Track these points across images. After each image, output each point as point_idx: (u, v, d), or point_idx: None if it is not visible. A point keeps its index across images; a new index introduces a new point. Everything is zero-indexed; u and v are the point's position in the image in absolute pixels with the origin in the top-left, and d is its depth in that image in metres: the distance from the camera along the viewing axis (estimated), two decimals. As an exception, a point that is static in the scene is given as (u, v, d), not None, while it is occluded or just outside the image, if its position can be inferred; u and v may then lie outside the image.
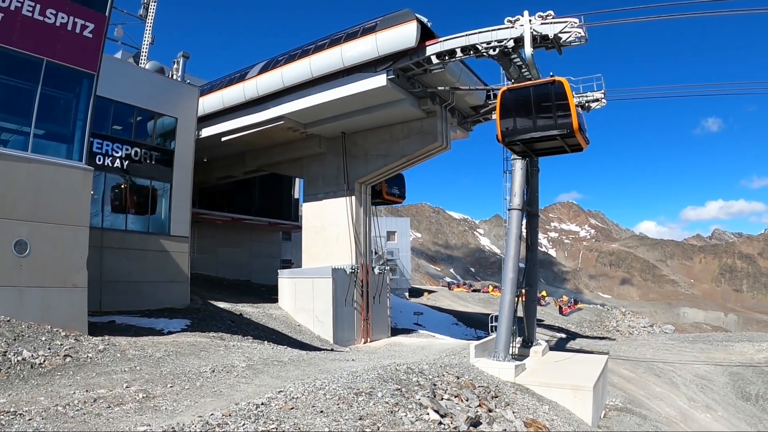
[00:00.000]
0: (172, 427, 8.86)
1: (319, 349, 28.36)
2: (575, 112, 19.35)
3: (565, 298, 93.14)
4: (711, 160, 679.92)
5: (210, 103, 36.69)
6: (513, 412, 15.77)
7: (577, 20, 22.28)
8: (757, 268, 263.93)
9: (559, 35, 22.31)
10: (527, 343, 27.64)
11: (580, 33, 22.29)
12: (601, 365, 23.69)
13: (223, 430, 8.80)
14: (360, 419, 9.95)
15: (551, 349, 31.38)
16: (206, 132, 37.84)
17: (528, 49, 20.52)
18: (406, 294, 77.74)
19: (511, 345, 23.74)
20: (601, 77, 29.99)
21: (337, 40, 30.32)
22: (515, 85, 20.42)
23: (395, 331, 40.92)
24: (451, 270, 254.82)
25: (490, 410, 14.74)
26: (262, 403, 10.40)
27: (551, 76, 19.83)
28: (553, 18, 21.26)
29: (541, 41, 22.94)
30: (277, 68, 33.02)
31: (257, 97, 34.39)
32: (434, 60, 27.42)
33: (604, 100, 30.18)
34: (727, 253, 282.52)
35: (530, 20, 21.36)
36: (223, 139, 37.98)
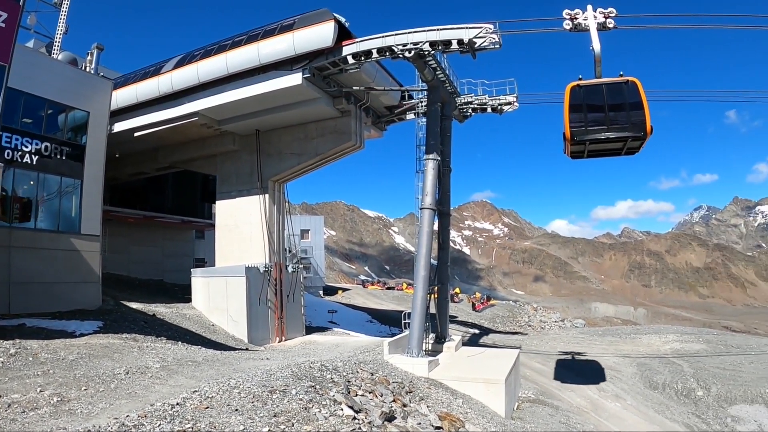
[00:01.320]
0: (88, 430, 8.92)
1: (234, 349, 28.28)
2: (649, 115, 18.97)
3: (478, 294, 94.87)
4: (621, 162, 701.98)
5: (123, 97, 35.70)
6: (427, 407, 16.21)
7: (491, 26, 22.89)
8: (664, 265, 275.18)
9: (474, 40, 22.94)
10: (440, 339, 28.27)
11: (494, 38, 22.89)
12: (513, 359, 24.52)
13: (139, 431, 8.90)
14: (275, 416, 10.16)
15: (464, 344, 32.14)
16: (119, 127, 36.76)
17: (596, 45, 19.62)
18: (321, 292, 77.63)
19: (424, 341, 24.30)
20: (514, 81, 31.04)
21: (254, 37, 30.02)
22: (585, 81, 19.41)
23: (310, 330, 40.90)
24: (366, 268, 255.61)
25: (404, 405, 15.11)
26: (177, 404, 10.50)
27: (620, 75, 19.35)
28: (616, 15, 20.57)
29: (457, 45, 23.59)
30: (192, 63, 32.43)
31: (172, 92, 33.65)
32: (350, 60, 27.42)
33: (516, 104, 31.19)
34: (636, 250, 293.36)
35: (594, 15, 20.49)
36: (136, 134, 36.95)
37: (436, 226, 27.27)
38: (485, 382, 21.21)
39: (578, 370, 34.56)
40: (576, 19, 20.50)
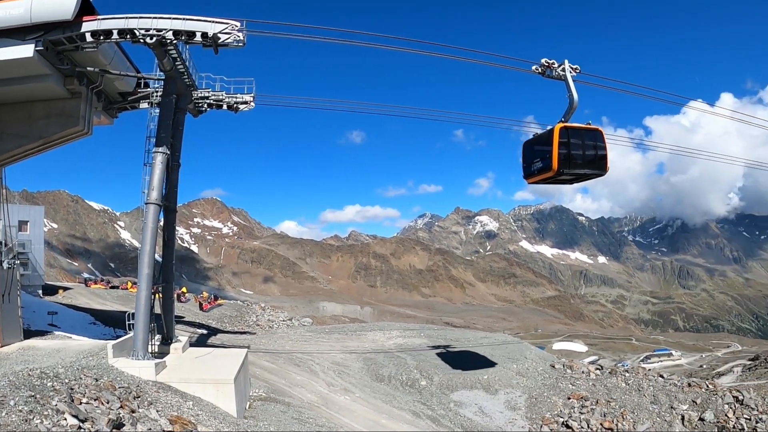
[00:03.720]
0: None
1: (-58, 360, 25.39)
2: (608, 159, 22.67)
3: (205, 294, 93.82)
4: (352, 169, 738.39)
5: None
6: (157, 411, 15.98)
7: (238, 24, 22.96)
8: (389, 267, 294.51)
9: (219, 35, 22.86)
10: (167, 340, 27.76)
11: (239, 36, 23.02)
12: (242, 358, 24.78)
13: None
14: (-8, 431, 9.51)
15: (193, 345, 31.74)
16: None
17: (575, 95, 22.64)
18: (40, 292, 71.57)
19: (150, 343, 23.78)
20: (253, 81, 31.30)
21: (-12, -3, 27.02)
22: (570, 124, 22.45)
23: (28, 334, 37.42)
24: (89, 265, 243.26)
25: (133, 411, 14.77)
26: None
27: (588, 123, 22.69)
28: (579, 72, 23.30)
29: (200, 38, 23.23)
30: None
31: None
32: (89, 38, 25.37)
33: (253, 103, 31.51)
34: (363, 252, 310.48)
35: (570, 67, 23.02)
36: None
37: (162, 223, 26.84)
38: (214, 382, 21.23)
39: (465, 358, 37.75)
40: (552, 68, 23.23)
